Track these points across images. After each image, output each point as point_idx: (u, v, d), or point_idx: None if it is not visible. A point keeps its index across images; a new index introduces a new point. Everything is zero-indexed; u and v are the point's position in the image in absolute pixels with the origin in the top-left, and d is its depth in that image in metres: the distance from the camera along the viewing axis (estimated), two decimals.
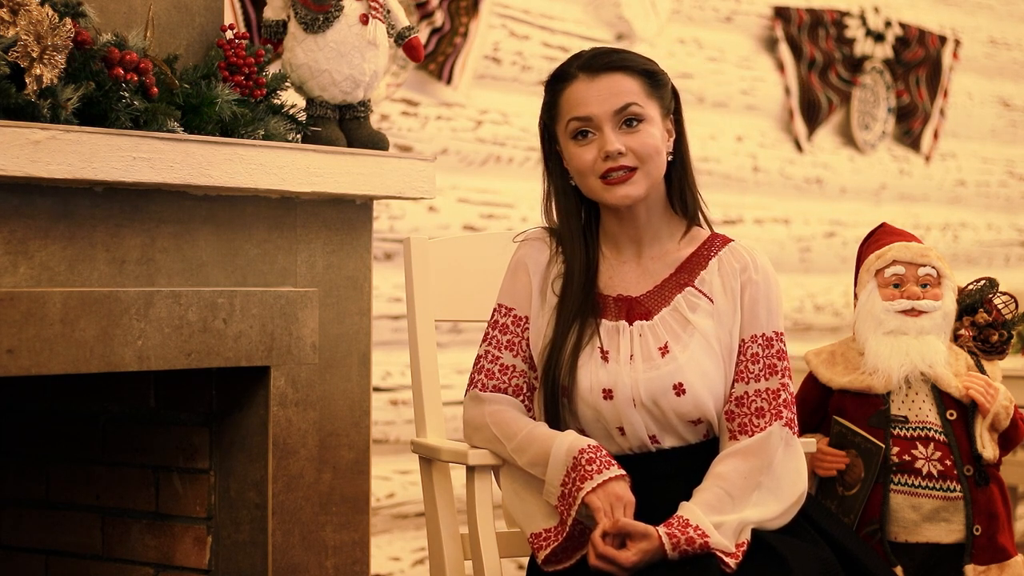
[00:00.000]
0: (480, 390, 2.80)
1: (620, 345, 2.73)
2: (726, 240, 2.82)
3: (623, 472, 2.65)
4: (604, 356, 2.72)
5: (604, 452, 2.67)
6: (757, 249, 2.82)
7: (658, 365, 2.71)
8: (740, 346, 2.75)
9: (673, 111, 2.79)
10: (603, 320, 2.75)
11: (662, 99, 2.76)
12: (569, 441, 2.68)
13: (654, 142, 2.72)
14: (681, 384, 2.70)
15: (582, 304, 2.75)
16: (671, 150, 2.78)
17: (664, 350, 2.72)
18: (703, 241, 2.81)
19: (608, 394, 2.71)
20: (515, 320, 2.81)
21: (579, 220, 2.81)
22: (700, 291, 2.76)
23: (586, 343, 2.73)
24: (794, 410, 2.76)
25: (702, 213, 2.83)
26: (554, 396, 2.74)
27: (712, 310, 2.75)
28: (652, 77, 2.75)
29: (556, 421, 2.75)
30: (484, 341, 2.83)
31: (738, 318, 2.75)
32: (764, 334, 2.76)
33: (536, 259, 2.82)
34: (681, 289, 2.77)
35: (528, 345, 2.80)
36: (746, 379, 2.75)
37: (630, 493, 2.64)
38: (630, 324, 2.75)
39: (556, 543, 2.68)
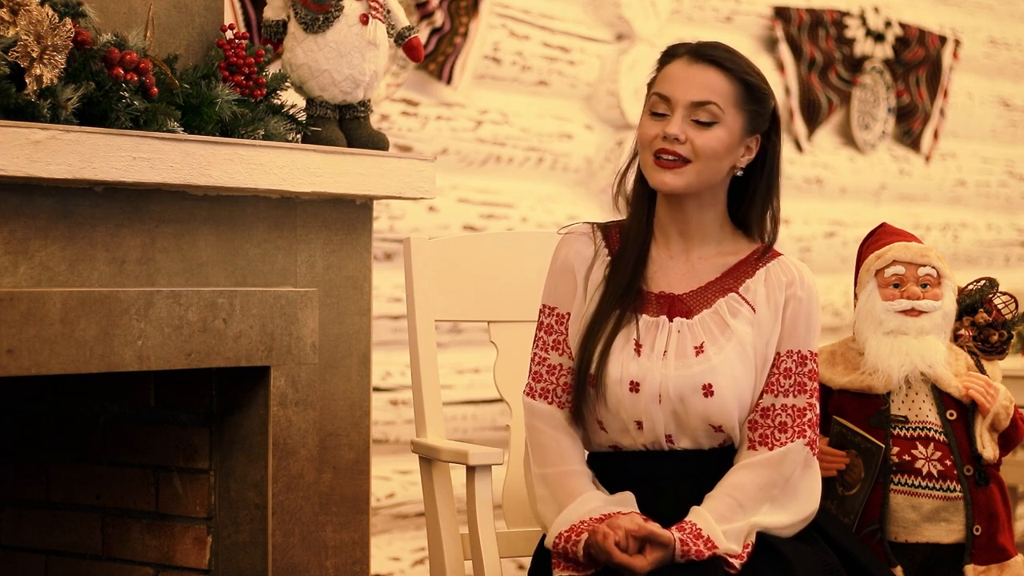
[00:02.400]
0: (528, 395, 2.81)
1: (656, 340, 2.73)
2: (776, 253, 2.82)
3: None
4: (637, 349, 2.72)
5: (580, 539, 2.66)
6: (806, 267, 2.82)
7: (691, 364, 2.71)
8: (775, 359, 2.76)
9: (764, 133, 2.76)
10: (643, 315, 2.75)
11: (753, 114, 2.73)
12: (579, 514, 2.68)
13: (718, 146, 2.70)
14: (710, 385, 2.70)
15: (624, 294, 2.75)
16: (742, 167, 2.76)
17: (699, 350, 2.72)
18: (753, 250, 2.81)
19: (635, 387, 2.71)
20: (559, 319, 2.81)
21: (647, 193, 2.79)
22: (743, 298, 2.76)
23: (621, 334, 2.73)
24: (817, 432, 2.77)
25: (769, 240, 2.81)
26: (582, 384, 2.74)
27: (753, 319, 2.75)
28: (750, 89, 2.73)
29: (580, 410, 2.75)
30: (533, 343, 2.84)
31: (777, 330, 2.76)
32: (799, 351, 2.76)
33: (581, 253, 2.81)
34: (725, 293, 2.76)
35: None
36: (775, 392, 2.75)
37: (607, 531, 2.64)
38: (670, 320, 2.74)
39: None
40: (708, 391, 2.70)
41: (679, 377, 2.70)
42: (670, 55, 2.77)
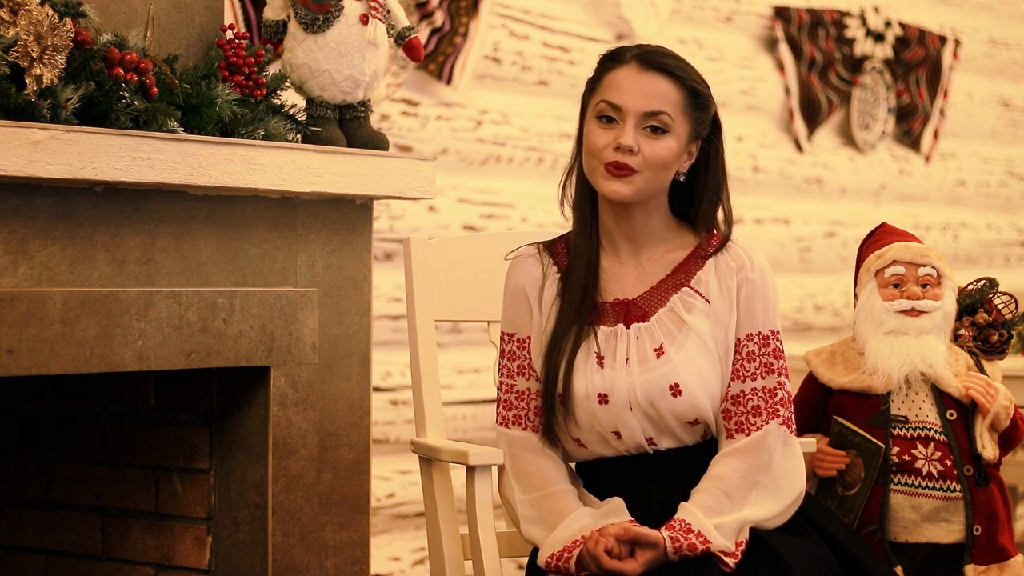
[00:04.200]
0: (500, 424, 2.81)
1: (617, 349, 2.73)
2: (722, 239, 2.81)
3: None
4: (600, 361, 2.73)
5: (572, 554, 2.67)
6: (754, 248, 2.81)
7: (654, 367, 2.71)
8: (736, 345, 2.75)
9: (706, 139, 2.76)
10: (601, 326, 2.75)
11: (697, 121, 2.73)
12: (568, 534, 2.69)
13: (667, 155, 2.70)
14: (677, 384, 2.70)
15: (579, 309, 2.75)
16: (684, 172, 2.76)
17: (659, 351, 2.72)
18: (700, 242, 2.81)
19: (603, 399, 2.71)
20: (520, 344, 2.81)
21: (591, 200, 2.80)
22: (696, 291, 2.76)
23: (582, 349, 2.73)
24: (791, 409, 2.76)
25: (724, 237, 2.80)
26: (549, 404, 2.74)
27: (708, 310, 2.75)
28: (696, 97, 2.73)
29: (550, 430, 2.75)
30: (499, 372, 2.84)
31: (734, 317, 2.75)
32: (760, 332, 2.76)
33: (531, 275, 2.82)
34: (677, 290, 2.76)
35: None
36: (742, 377, 2.75)
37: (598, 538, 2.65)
38: (627, 327, 2.75)
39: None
40: (676, 391, 2.70)
41: (644, 382, 2.70)
42: (615, 60, 2.74)
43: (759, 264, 2.78)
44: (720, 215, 2.80)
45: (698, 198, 2.79)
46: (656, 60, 2.72)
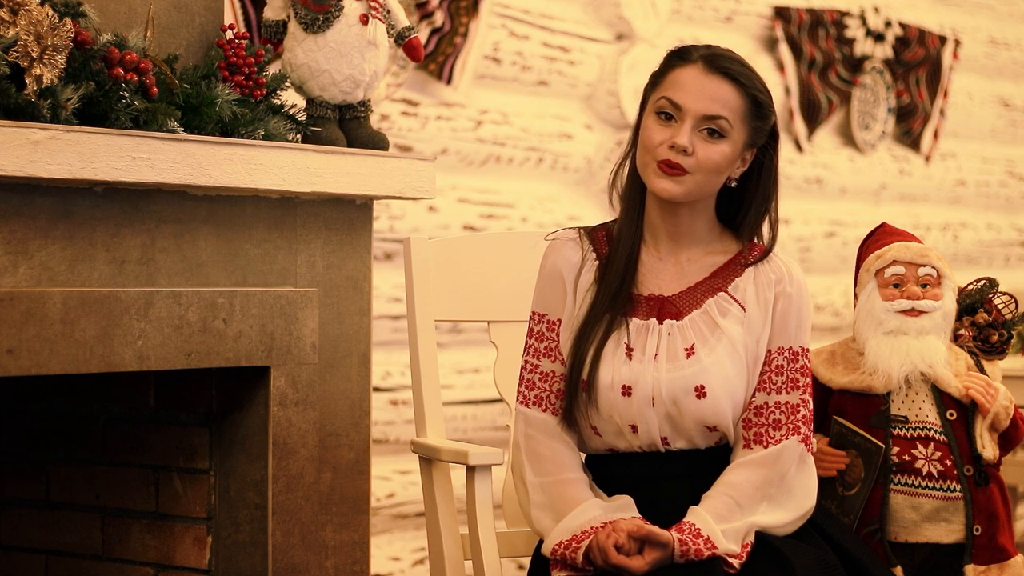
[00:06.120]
0: (521, 403, 2.81)
1: (647, 343, 2.73)
2: (764, 250, 2.81)
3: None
4: (628, 353, 2.72)
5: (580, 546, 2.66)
6: (794, 263, 2.82)
7: (682, 366, 2.71)
8: (766, 356, 2.75)
9: (761, 148, 2.76)
10: (634, 318, 2.75)
11: (755, 130, 2.73)
12: (577, 524, 2.69)
13: (719, 160, 2.70)
14: (703, 386, 2.70)
15: (614, 299, 2.75)
16: (736, 178, 2.76)
17: (690, 351, 2.72)
18: (741, 249, 2.81)
19: (627, 391, 2.71)
20: (549, 325, 2.81)
21: (640, 192, 2.79)
22: (733, 297, 2.76)
23: (612, 338, 2.73)
24: (811, 427, 2.77)
25: (768, 247, 2.80)
26: (573, 389, 2.74)
27: (743, 317, 2.75)
28: (757, 106, 2.72)
29: (572, 416, 2.75)
30: (524, 351, 2.84)
31: (768, 328, 2.75)
32: (791, 347, 2.76)
33: (569, 259, 2.81)
34: (714, 293, 2.76)
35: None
36: (768, 389, 2.75)
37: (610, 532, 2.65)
38: (660, 323, 2.74)
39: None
40: (700, 392, 2.70)
41: (671, 380, 2.70)
42: (682, 58, 2.74)
43: (798, 279, 2.79)
44: (766, 226, 2.80)
45: (746, 206, 2.79)
46: (722, 64, 2.71)
